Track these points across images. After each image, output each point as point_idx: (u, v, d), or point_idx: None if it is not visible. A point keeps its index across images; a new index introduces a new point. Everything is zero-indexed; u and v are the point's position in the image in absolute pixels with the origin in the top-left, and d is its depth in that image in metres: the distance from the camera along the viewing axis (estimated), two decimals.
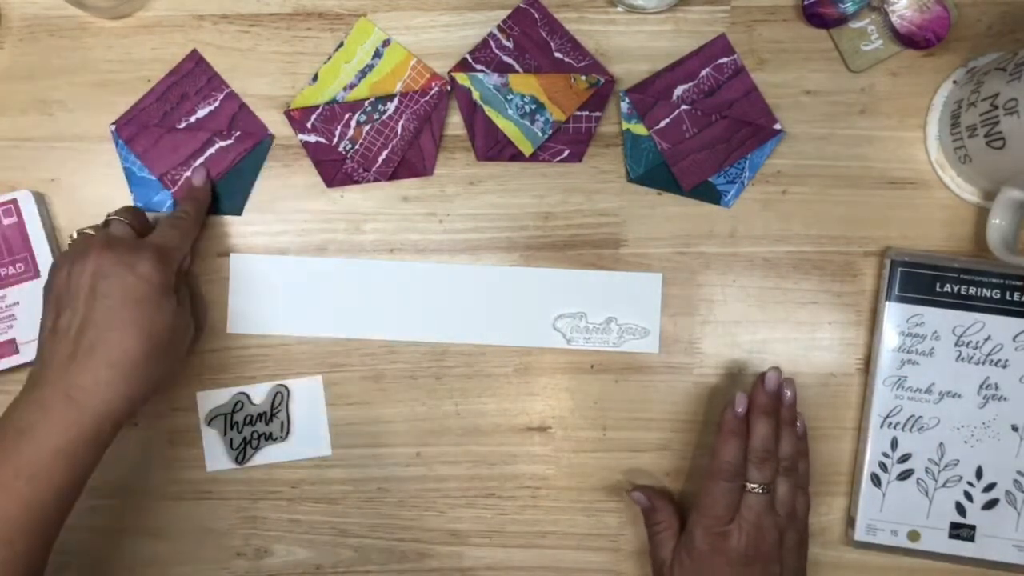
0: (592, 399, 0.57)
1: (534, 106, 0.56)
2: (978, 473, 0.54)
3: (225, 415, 0.57)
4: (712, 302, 0.56)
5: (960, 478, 0.54)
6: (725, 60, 0.56)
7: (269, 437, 0.57)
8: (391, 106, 0.56)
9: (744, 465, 0.50)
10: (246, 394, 0.57)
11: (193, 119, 0.57)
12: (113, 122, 0.57)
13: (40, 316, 0.50)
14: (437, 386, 0.57)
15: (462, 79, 0.56)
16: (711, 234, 0.56)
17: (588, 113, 0.56)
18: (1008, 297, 0.54)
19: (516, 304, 0.57)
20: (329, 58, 0.56)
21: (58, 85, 0.57)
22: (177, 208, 0.55)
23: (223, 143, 0.57)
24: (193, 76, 0.57)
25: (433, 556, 0.58)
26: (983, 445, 0.54)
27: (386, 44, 0.56)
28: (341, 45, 0.56)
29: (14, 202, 0.55)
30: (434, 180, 0.57)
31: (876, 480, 0.55)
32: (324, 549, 0.58)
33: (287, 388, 0.57)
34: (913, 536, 0.54)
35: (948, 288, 0.54)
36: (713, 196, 0.56)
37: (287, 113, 0.56)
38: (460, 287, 0.57)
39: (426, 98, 0.56)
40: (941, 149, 0.55)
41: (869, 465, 0.55)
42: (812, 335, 0.56)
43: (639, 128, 0.56)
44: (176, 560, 0.58)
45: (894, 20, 0.54)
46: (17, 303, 0.56)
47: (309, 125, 0.56)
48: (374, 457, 0.57)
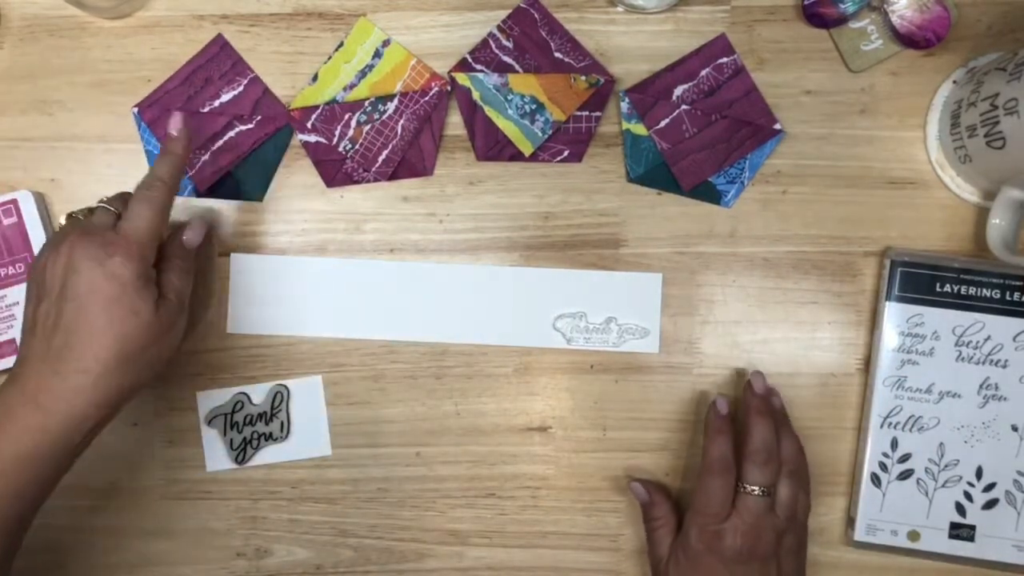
0: (592, 399, 0.57)
1: (534, 106, 0.56)
2: (978, 473, 0.54)
3: (225, 415, 0.57)
4: (712, 302, 0.56)
5: (960, 478, 0.54)
6: (725, 60, 0.56)
7: (269, 437, 0.57)
8: (391, 106, 0.56)
9: (735, 460, 0.50)
10: (246, 394, 0.57)
11: (217, 103, 0.56)
12: (136, 104, 0.56)
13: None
14: (437, 386, 0.57)
15: (462, 79, 0.56)
16: (711, 234, 0.56)
17: (588, 113, 0.56)
18: (1008, 297, 0.54)
19: (516, 304, 0.57)
20: (329, 58, 0.56)
21: (58, 85, 0.57)
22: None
23: (243, 127, 0.56)
24: (218, 60, 0.56)
25: (433, 556, 0.58)
26: (983, 445, 0.54)
27: (386, 44, 0.56)
28: (341, 45, 0.56)
29: (14, 202, 0.56)
30: (434, 180, 0.57)
31: (876, 480, 0.55)
32: (324, 549, 0.58)
33: (287, 388, 0.57)
34: (913, 536, 0.54)
35: (948, 288, 0.54)
36: (713, 196, 0.56)
37: (287, 113, 0.56)
38: (460, 287, 0.57)
39: (426, 98, 0.56)
40: (941, 149, 0.55)
41: (869, 465, 0.55)
42: (812, 335, 0.56)
43: (639, 128, 0.56)
44: (176, 560, 0.58)
45: (894, 20, 0.54)
46: (17, 303, 0.56)
47: (309, 125, 0.56)
48: (374, 457, 0.57)
